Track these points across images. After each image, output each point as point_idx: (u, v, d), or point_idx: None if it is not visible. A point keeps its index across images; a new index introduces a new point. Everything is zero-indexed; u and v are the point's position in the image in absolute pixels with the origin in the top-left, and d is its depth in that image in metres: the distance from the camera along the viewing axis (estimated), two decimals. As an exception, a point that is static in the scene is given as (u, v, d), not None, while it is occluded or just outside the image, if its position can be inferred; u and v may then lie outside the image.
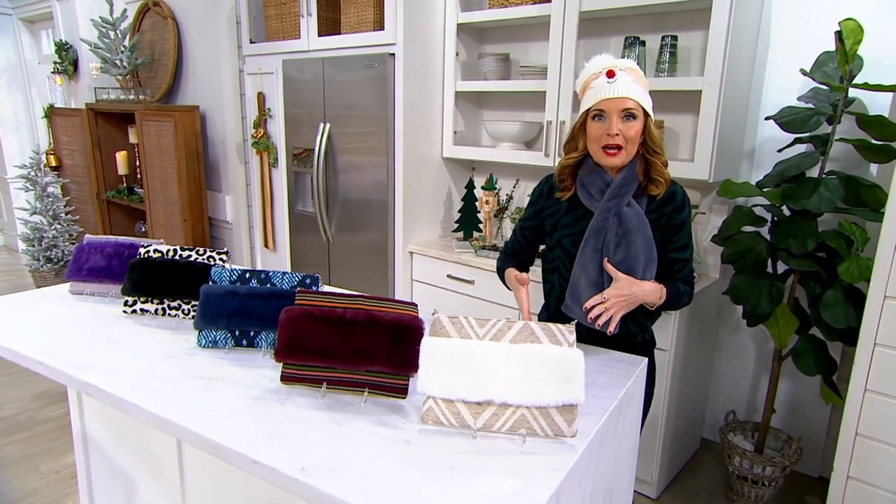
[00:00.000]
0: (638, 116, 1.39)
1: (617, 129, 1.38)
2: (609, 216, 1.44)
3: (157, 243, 1.70)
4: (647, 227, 1.43)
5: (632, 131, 1.39)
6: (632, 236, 1.42)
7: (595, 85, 1.40)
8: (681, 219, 1.48)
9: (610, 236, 1.44)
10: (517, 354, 1.08)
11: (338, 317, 1.20)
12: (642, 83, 1.42)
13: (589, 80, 1.43)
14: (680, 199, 1.48)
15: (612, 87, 1.37)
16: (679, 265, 1.52)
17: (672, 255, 1.51)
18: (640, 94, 1.39)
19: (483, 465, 0.99)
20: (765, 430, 2.26)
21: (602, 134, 1.39)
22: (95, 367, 1.32)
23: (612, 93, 1.36)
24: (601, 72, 1.40)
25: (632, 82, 1.38)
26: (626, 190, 1.44)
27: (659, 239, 1.48)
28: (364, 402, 1.20)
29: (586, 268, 1.47)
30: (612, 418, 1.22)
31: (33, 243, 4.39)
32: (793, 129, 1.99)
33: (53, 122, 4.69)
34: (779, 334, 2.14)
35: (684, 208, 1.49)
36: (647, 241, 1.43)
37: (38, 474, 2.41)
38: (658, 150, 1.44)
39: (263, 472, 0.98)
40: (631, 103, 1.37)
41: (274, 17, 3.31)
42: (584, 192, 1.49)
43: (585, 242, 1.47)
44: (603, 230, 1.45)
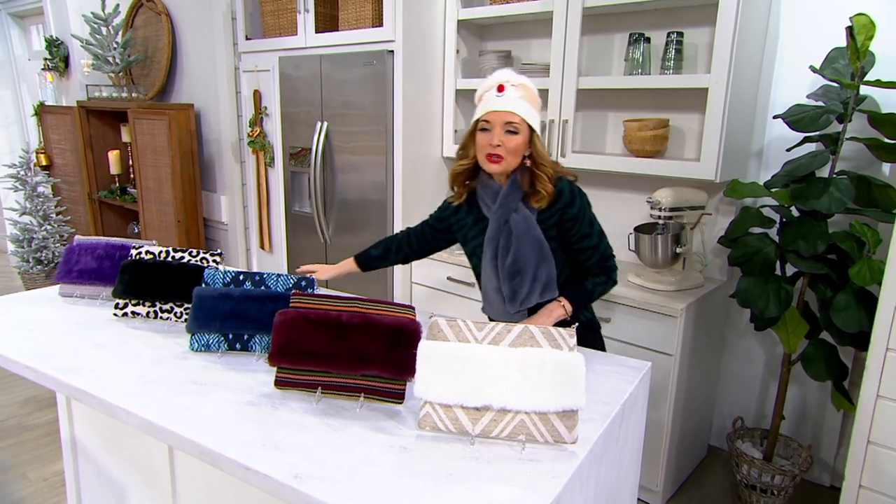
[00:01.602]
0: (520, 132, 1.51)
1: (499, 141, 1.50)
2: (500, 224, 1.59)
3: (150, 244, 1.71)
4: (534, 228, 1.57)
5: (512, 144, 1.51)
6: (519, 241, 1.57)
7: (486, 98, 1.54)
8: (573, 213, 1.59)
9: (502, 243, 1.60)
10: (516, 359, 1.08)
11: (333, 320, 1.20)
12: (531, 100, 1.54)
13: (483, 93, 1.56)
14: (568, 195, 1.58)
15: (499, 101, 1.50)
16: (587, 253, 1.63)
17: (576, 245, 1.63)
18: (526, 109, 1.51)
19: (481, 471, 1.00)
20: (774, 437, 2.26)
21: (486, 143, 1.52)
22: (84, 372, 1.33)
23: (498, 106, 1.49)
24: (492, 86, 1.53)
25: (518, 98, 1.51)
26: (511, 198, 1.57)
27: (557, 235, 1.61)
28: (360, 407, 1.20)
29: (488, 274, 1.65)
30: (615, 424, 1.23)
31: (23, 244, 4.40)
32: (802, 127, 1.99)
33: (44, 121, 4.70)
34: (788, 339, 2.14)
35: (574, 202, 1.59)
36: (534, 242, 1.57)
37: (26, 482, 2.41)
38: (544, 163, 1.56)
39: (256, 479, 0.98)
40: (514, 118, 1.50)
41: (270, 13, 3.33)
42: (482, 203, 1.65)
43: (484, 251, 1.65)
44: (496, 238, 1.61)
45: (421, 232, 1.90)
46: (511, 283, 1.60)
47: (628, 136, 2.47)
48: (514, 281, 1.59)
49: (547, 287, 1.59)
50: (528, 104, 1.52)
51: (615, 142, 2.73)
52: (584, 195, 1.62)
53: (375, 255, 1.93)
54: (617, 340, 2.29)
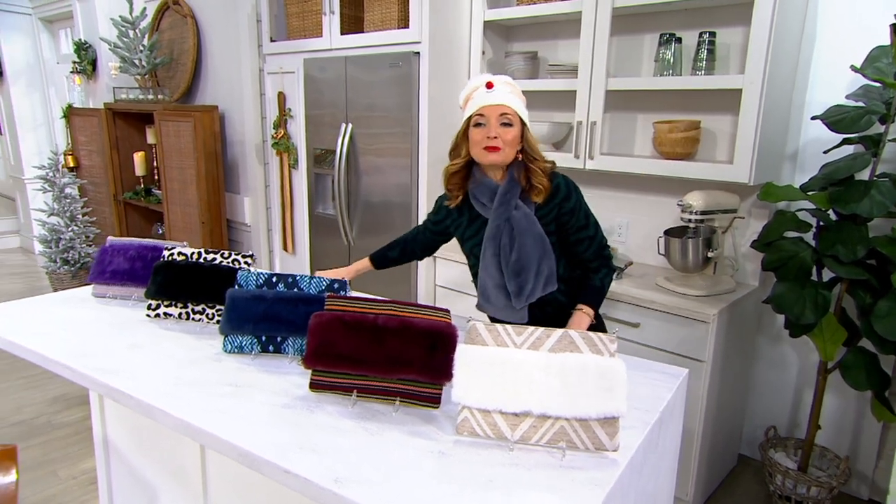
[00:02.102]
0: (514, 124, 1.55)
1: (495, 132, 1.54)
2: (501, 222, 1.61)
3: (181, 246, 1.73)
4: (535, 224, 1.60)
5: (509, 135, 1.54)
6: (523, 238, 1.60)
7: (475, 96, 1.58)
8: (570, 206, 1.62)
9: (504, 241, 1.62)
10: (556, 364, 1.07)
11: (369, 323, 1.20)
12: (518, 96, 1.59)
13: (470, 93, 1.60)
14: (564, 190, 1.62)
15: (490, 95, 1.55)
16: (584, 245, 1.67)
17: (574, 237, 1.66)
18: (517, 103, 1.56)
19: (522, 478, 0.99)
20: (809, 447, 2.22)
21: (483, 137, 1.55)
22: (120, 372, 1.35)
23: (491, 100, 1.54)
24: (481, 84, 1.57)
25: (508, 93, 1.56)
26: (510, 196, 1.60)
27: (556, 229, 1.64)
28: (395, 411, 1.20)
29: (490, 272, 1.66)
30: (654, 432, 1.21)
31: (50, 245, 4.49)
32: (842, 129, 1.95)
33: (72, 123, 4.80)
34: (824, 346, 2.09)
35: (570, 196, 1.63)
36: (536, 238, 1.60)
37: (56, 479, 2.45)
38: (537, 156, 1.59)
39: (296, 482, 0.99)
40: (508, 110, 1.54)
41: (295, 15, 3.36)
42: (477, 203, 1.66)
43: (484, 249, 1.66)
44: (497, 236, 1.63)
45: (422, 235, 1.93)
46: (517, 280, 1.62)
47: (658, 138, 2.45)
48: (519, 277, 1.62)
49: (548, 280, 1.63)
50: (517, 99, 1.57)
51: (644, 144, 2.70)
52: (579, 189, 1.66)
53: (392, 256, 1.97)
54: (646, 346, 2.26)
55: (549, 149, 2.85)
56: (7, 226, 6.56)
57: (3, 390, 3.21)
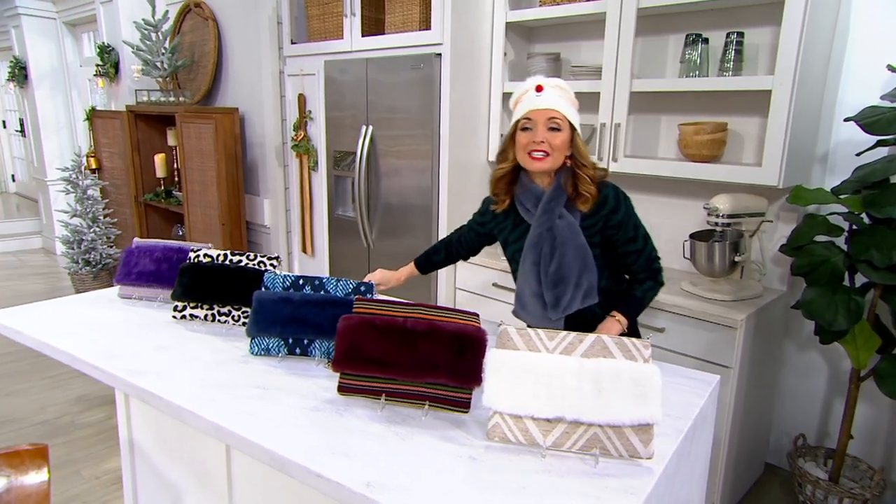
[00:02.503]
0: (563, 129, 1.52)
1: (542, 137, 1.51)
2: (543, 230, 1.58)
3: (207, 248, 1.74)
4: (578, 236, 1.56)
5: (557, 140, 1.51)
6: (564, 248, 1.56)
7: (524, 99, 1.55)
8: (618, 219, 1.58)
9: (545, 249, 1.59)
10: (590, 369, 1.06)
11: (398, 326, 1.20)
12: (569, 100, 1.55)
13: (520, 96, 1.58)
14: (612, 202, 1.58)
15: (539, 99, 1.52)
16: (632, 257, 1.63)
17: (621, 250, 1.63)
18: (566, 108, 1.53)
19: (555, 486, 0.98)
20: (841, 457, 2.17)
21: (529, 142, 1.53)
22: (148, 373, 1.36)
23: (539, 104, 1.51)
24: (531, 87, 1.55)
25: (558, 97, 1.52)
26: (555, 203, 1.57)
27: (601, 242, 1.60)
28: (425, 415, 1.20)
29: (528, 280, 1.63)
30: (687, 440, 1.19)
31: (72, 246, 4.56)
32: (877, 130, 1.91)
33: (94, 125, 4.88)
34: (857, 353, 2.05)
35: (619, 208, 1.58)
36: (578, 250, 1.56)
37: (80, 479, 2.48)
38: (585, 163, 1.55)
39: (328, 486, 0.99)
40: (556, 114, 1.51)
41: (316, 17, 3.38)
42: (522, 208, 1.64)
43: (524, 256, 1.63)
44: (539, 244, 1.60)
45: (467, 236, 1.92)
46: (555, 291, 1.59)
47: (684, 141, 2.42)
48: (557, 288, 1.59)
49: (588, 294, 1.59)
50: (567, 103, 1.53)
51: (669, 146, 2.68)
52: (629, 199, 1.62)
53: (437, 260, 1.96)
54: (671, 351, 2.24)
55: (571, 151, 2.84)
56: (30, 227, 6.68)
57: (27, 390, 3.26)
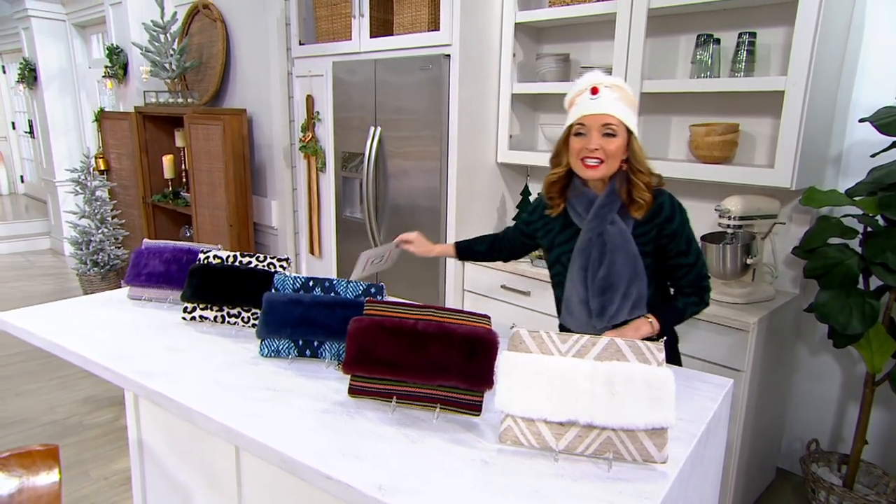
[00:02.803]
0: (618, 134, 1.46)
1: (597, 144, 1.45)
2: (593, 236, 1.54)
3: (216, 249, 1.75)
4: (630, 244, 1.51)
5: (612, 146, 1.45)
6: (614, 255, 1.51)
7: (578, 101, 1.49)
8: (672, 229, 1.54)
9: (594, 255, 1.54)
10: (603, 373, 1.06)
11: (409, 328, 1.20)
12: (627, 101, 1.48)
13: (574, 97, 1.52)
14: (668, 210, 1.53)
15: (593, 103, 1.45)
16: (682, 271, 1.58)
17: (671, 262, 1.58)
18: (623, 111, 1.46)
19: (568, 490, 0.98)
20: (855, 463, 2.15)
21: (582, 148, 1.47)
22: (159, 374, 1.37)
23: (594, 109, 1.45)
24: (586, 88, 1.48)
25: (615, 99, 1.45)
26: (608, 209, 1.52)
27: (653, 251, 1.55)
28: (436, 418, 1.19)
29: (576, 285, 1.59)
30: (701, 444, 1.19)
31: (81, 247, 4.59)
32: (893, 131, 1.90)
33: (103, 126, 4.91)
34: (872, 357, 2.04)
35: (674, 218, 1.54)
36: (629, 258, 1.51)
37: (88, 480, 2.50)
38: (641, 168, 1.49)
39: (339, 489, 0.99)
40: (612, 119, 1.44)
41: (324, 18, 3.39)
42: (573, 211, 1.60)
43: (573, 261, 1.59)
44: (588, 249, 1.55)
45: (511, 233, 1.87)
46: (601, 298, 1.54)
47: (695, 142, 2.41)
48: (604, 296, 1.54)
49: (637, 304, 1.53)
50: (624, 105, 1.46)
51: (679, 147, 2.67)
52: (685, 211, 1.56)
53: (479, 249, 1.91)
54: (682, 355, 2.21)
55: (580, 152, 2.83)
56: (38, 228, 6.73)
57: (36, 390, 3.28)
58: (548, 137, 2.91)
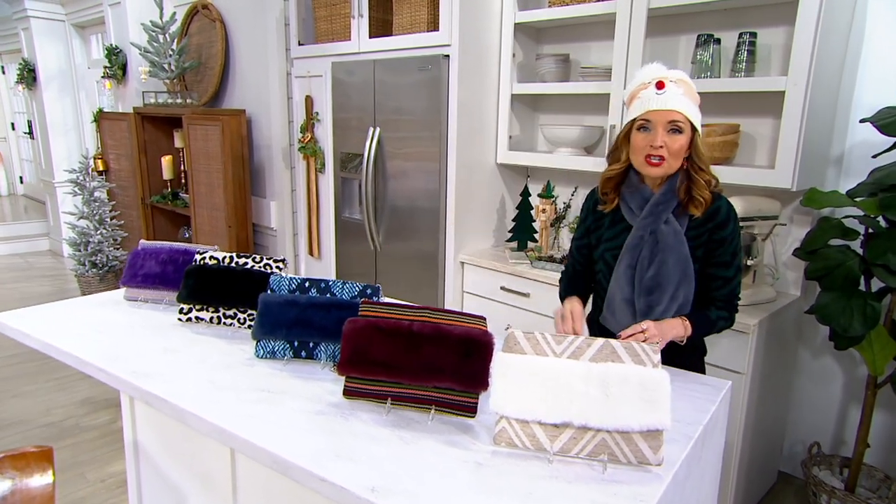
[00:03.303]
0: (684, 131, 1.42)
1: (662, 142, 1.41)
2: (645, 233, 1.50)
3: (212, 250, 1.75)
4: (683, 245, 1.47)
5: (677, 145, 1.42)
6: (665, 255, 1.48)
7: (643, 95, 1.45)
8: (723, 235, 1.50)
9: (644, 253, 1.50)
10: (598, 374, 1.06)
11: (404, 329, 1.20)
12: (692, 96, 1.45)
13: (637, 90, 1.48)
14: (724, 215, 1.50)
15: (660, 98, 1.41)
16: (718, 283, 1.54)
17: (711, 271, 1.54)
18: (689, 107, 1.43)
19: (563, 492, 0.98)
20: (857, 466, 2.15)
21: (646, 145, 1.44)
22: (154, 376, 1.37)
23: (660, 104, 1.41)
24: (651, 82, 1.44)
25: (681, 95, 1.42)
26: (663, 207, 1.48)
27: (703, 256, 1.52)
28: (431, 419, 1.20)
29: (620, 283, 1.54)
30: (698, 446, 1.19)
31: (79, 248, 4.60)
32: (894, 132, 1.90)
33: (102, 127, 4.92)
34: (874, 360, 2.03)
35: (728, 224, 1.50)
36: (680, 259, 1.47)
37: (85, 482, 2.50)
38: (703, 166, 1.47)
39: (331, 490, 0.99)
40: (678, 116, 1.41)
41: (323, 18, 3.40)
42: (625, 207, 1.56)
43: (621, 258, 1.54)
44: (638, 247, 1.51)
45: (580, 255, 1.73)
46: (648, 298, 1.50)
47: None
48: (651, 296, 1.50)
49: (682, 308, 1.50)
50: (690, 101, 1.43)
51: (680, 148, 2.67)
52: (738, 222, 1.53)
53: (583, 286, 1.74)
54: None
55: (580, 153, 2.84)
56: (37, 229, 6.75)
57: (33, 392, 3.29)
58: (548, 138, 2.91)
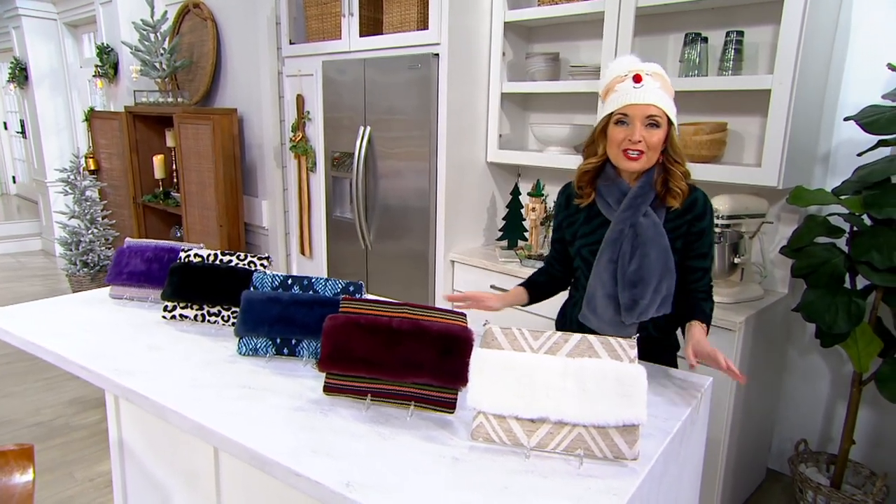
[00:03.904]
0: (661, 125, 1.42)
1: (640, 136, 1.41)
2: (625, 227, 1.49)
3: (197, 247, 1.76)
4: (663, 237, 1.48)
5: (654, 139, 1.42)
6: (646, 248, 1.48)
7: (620, 88, 1.43)
8: (701, 227, 1.51)
9: (625, 247, 1.50)
10: (574, 369, 1.07)
11: (384, 326, 1.21)
12: (668, 90, 1.45)
13: (613, 83, 1.46)
14: (701, 207, 1.51)
15: (638, 92, 1.40)
16: (697, 274, 1.55)
17: (690, 262, 1.55)
18: (666, 101, 1.43)
19: (538, 486, 0.98)
20: (843, 462, 2.16)
21: (624, 139, 1.43)
22: (136, 373, 1.37)
23: (638, 98, 1.40)
24: (627, 75, 1.43)
25: (658, 88, 1.41)
26: (642, 200, 1.48)
27: (682, 248, 1.53)
28: (410, 415, 1.20)
29: (602, 278, 1.53)
30: (675, 442, 1.19)
31: (70, 247, 4.60)
32: (877, 130, 1.91)
33: (93, 126, 4.92)
34: (858, 357, 2.05)
35: (705, 216, 1.52)
36: (662, 252, 1.48)
37: (73, 481, 2.50)
38: (679, 159, 1.48)
39: (307, 485, 0.99)
40: (656, 111, 1.41)
41: (314, 17, 3.40)
42: (601, 201, 1.55)
43: (601, 253, 1.53)
44: (618, 241, 1.50)
45: (555, 251, 1.75)
46: (632, 292, 1.49)
47: (683, 141, 2.42)
48: (635, 289, 1.48)
49: (665, 301, 1.50)
50: (666, 95, 1.43)
51: (668, 146, 2.68)
52: (714, 213, 1.54)
53: (540, 280, 1.77)
54: (670, 354, 2.23)
55: (569, 152, 2.85)
56: (29, 228, 6.74)
57: (22, 392, 3.28)
58: (538, 137, 2.92)
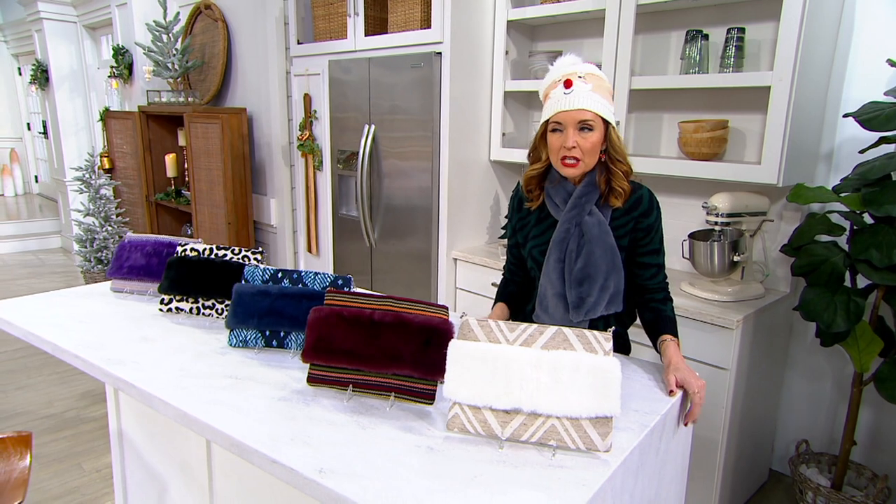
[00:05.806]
0: (595, 128, 1.42)
1: (573, 142, 1.42)
2: (571, 226, 1.51)
3: (195, 242, 1.79)
4: (608, 235, 1.49)
5: (588, 143, 1.42)
6: (591, 246, 1.49)
7: (553, 95, 1.44)
8: (648, 223, 1.52)
9: (571, 246, 1.51)
10: (548, 361, 1.07)
11: (366, 318, 1.22)
12: (602, 90, 1.43)
13: (549, 90, 1.47)
14: (646, 204, 1.52)
15: (568, 98, 1.40)
16: (651, 270, 1.56)
17: (642, 259, 1.55)
18: (598, 103, 1.41)
19: (508, 476, 0.99)
20: (843, 464, 2.13)
21: (559, 146, 1.44)
22: (129, 363, 1.41)
23: (569, 104, 1.40)
24: (560, 80, 1.43)
25: (589, 91, 1.40)
26: (586, 199, 1.50)
27: (629, 245, 1.54)
28: (390, 406, 1.22)
29: (551, 278, 1.55)
30: (654, 436, 1.19)
31: (85, 244, 4.70)
32: (876, 127, 1.89)
33: (108, 125, 5.02)
34: (859, 356, 2.02)
35: (652, 212, 1.52)
36: (607, 249, 1.49)
37: (81, 472, 2.56)
38: (620, 158, 1.47)
39: (282, 472, 1.01)
40: (587, 115, 1.40)
41: (321, 17, 3.44)
42: (550, 202, 1.57)
43: (549, 253, 1.55)
44: (565, 241, 1.52)
45: (513, 257, 1.74)
46: (578, 290, 1.50)
47: (683, 139, 2.41)
48: (581, 287, 1.50)
49: (613, 298, 1.50)
50: (599, 96, 1.41)
51: (670, 144, 2.66)
52: (660, 208, 1.55)
53: (511, 290, 1.75)
54: (668, 352, 2.22)
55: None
56: (49, 226, 6.89)
57: (36, 384, 3.37)
58: (540, 135, 2.92)
